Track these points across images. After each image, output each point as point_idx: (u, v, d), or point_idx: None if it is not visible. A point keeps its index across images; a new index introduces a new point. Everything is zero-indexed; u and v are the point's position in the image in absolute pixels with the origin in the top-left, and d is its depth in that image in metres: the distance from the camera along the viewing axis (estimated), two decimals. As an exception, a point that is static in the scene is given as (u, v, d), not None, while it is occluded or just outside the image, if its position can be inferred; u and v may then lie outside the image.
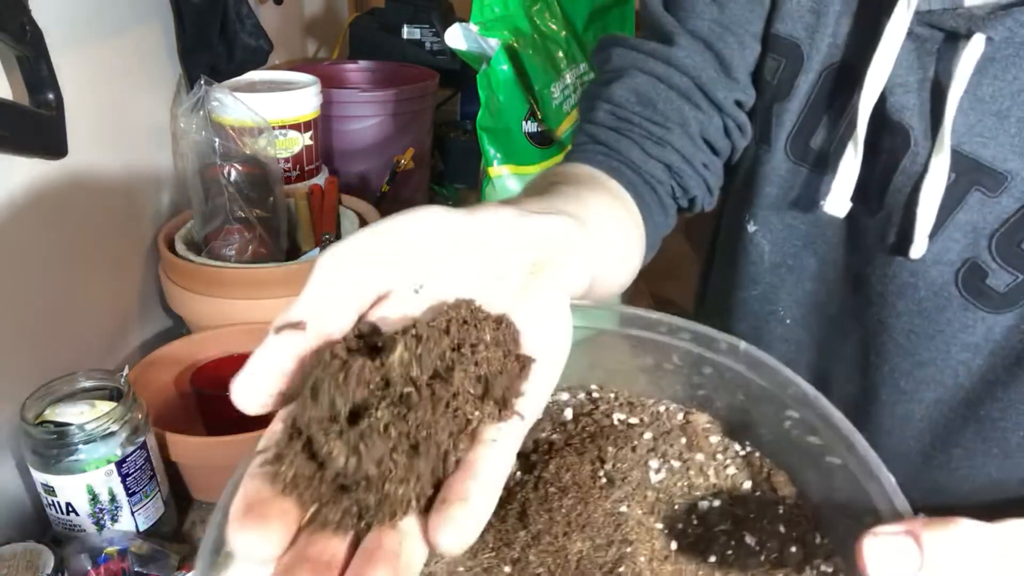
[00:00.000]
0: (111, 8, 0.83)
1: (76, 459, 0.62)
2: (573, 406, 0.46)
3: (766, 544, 0.36)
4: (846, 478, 0.34)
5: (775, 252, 0.63)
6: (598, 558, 0.35)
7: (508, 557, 0.36)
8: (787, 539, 0.36)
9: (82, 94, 0.75)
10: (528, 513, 0.38)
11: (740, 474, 0.40)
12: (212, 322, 0.87)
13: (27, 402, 0.64)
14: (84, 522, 0.64)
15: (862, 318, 0.60)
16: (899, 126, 0.52)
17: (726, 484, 0.40)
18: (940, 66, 0.50)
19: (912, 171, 0.52)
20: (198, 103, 0.88)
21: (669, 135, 0.56)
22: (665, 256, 0.83)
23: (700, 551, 0.36)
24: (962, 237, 0.52)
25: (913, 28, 0.50)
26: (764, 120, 0.60)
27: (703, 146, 0.58)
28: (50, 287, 0.73)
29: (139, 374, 0.78)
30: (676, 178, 0.57)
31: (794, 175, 0.60)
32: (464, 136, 1.55)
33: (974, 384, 0.57)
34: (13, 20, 0.60)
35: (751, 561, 0.35)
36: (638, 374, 0.46)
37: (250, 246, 0.90)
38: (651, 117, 0.56)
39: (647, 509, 0.38)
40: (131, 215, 0.89)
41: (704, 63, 0.57)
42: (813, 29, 0.55)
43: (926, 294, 0.55)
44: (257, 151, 0.91)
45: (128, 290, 0.89)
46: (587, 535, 0.36)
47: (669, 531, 0.37)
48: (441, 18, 1.48)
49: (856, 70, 0.54)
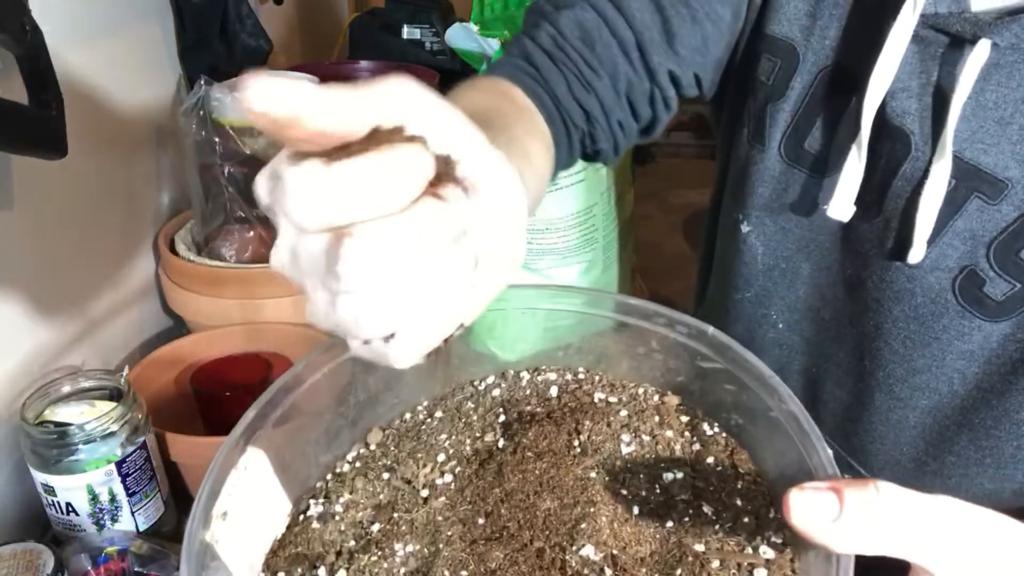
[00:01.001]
0: (111, 8, 0.83)
1: (76, 459, 0.62)
2: (559, 385, 0.50)
3: (722, 514, 0.39)
4: (794, 456, 0.37)
5: (768, 255, 0.63)
6: (564, 515, 0.39)
7: (482, 510, 0.40)
8: (742, 511, 0.39)
9: (82, 94, 0.75)
10: (504, 473, 0.42)
11: (705, 451, 0.43)
12: (212, 322, 0.87)
13: (27, 402, 0.64)
14: (84, 522, 0.64)
15: (857, 323, 0.59)
16: (900, 131, 0.52)
17: (691, 459, 0.43)
18: (944, 71, 0.50)
19: (912, 176, 0.52)
20: (198, 103, 0.88)
21: (597, 82, 0.56)
22: (665, 256, 0.83)
23: (659, 517, 0.39)
24: (960, 244, 0.52)
25: (918, 31, 0.50)
26: (758, 119, 0.60)
27: (625, 104, 0.58)
28: (50, 287, 0.73)
29: (139, 374, 0.78)
30: (590, 126, 0.57)
31: (788, 177, 0.60)
32: (464, 136, 1.55)
33: (969, 392, 0.56)
34: (13, 20, 0.60)
35: (707, 529, 0.38)
36: (623, 359, 0.50)
37: (250, 246, 0.90)
38: (587, 58, 0.56)
39: (614, 477, 0.41)
40: (131, 215, 0.89)
41: (651, 24, 0.56)
42: (809, 31, 0.55)
43: (923, 300, 0.55)
44: (257, 151, 0.91)
45: (128, 290, 0.89)
46: (556, 496, 0.40)
47: (632, 497, 0.40)
48: (441, 18, 1.48)
49: (853, 73, 0.53)
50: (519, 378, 0.50)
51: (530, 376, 0.50)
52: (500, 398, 0.49)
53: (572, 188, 0.90)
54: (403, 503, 0.42)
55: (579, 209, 0.91)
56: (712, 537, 0.38)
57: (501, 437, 0.45)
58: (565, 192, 0.89)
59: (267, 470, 0.41)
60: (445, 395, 0.50)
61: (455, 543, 0.39)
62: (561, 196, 0.89)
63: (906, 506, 0.30)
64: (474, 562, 0.37)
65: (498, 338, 0.54)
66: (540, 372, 0.51)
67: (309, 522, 0.41)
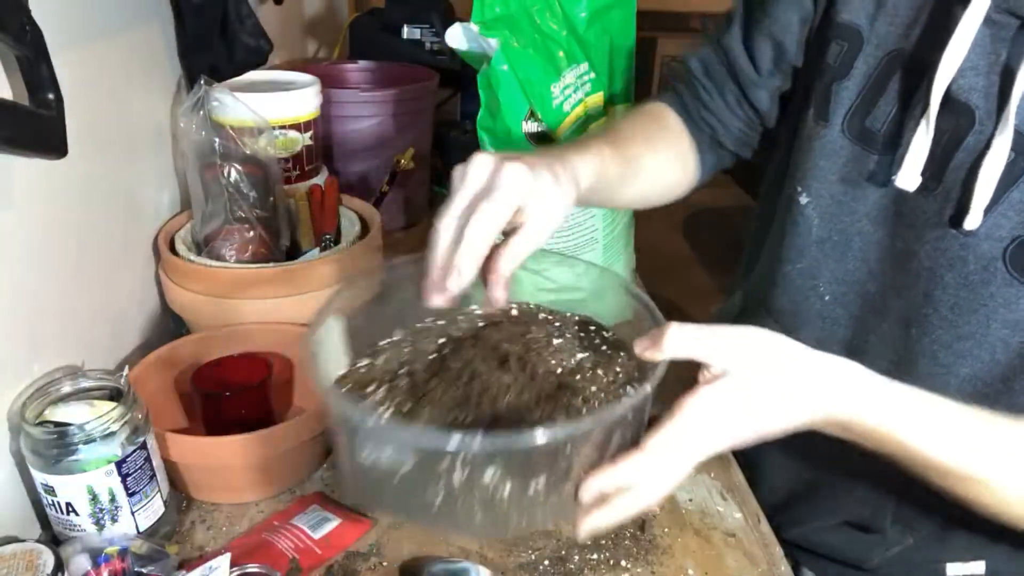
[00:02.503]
0: (111, 8, 0.83)
1: (76, 459, 0.62)
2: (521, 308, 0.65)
3: (608, 372, 0.56)
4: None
5: (823, 226, 0.68)
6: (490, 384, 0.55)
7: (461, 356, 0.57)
8: (624, 376, 0.56)
9: (82, 94, 0.75)
10: (481, 339, 0.59)
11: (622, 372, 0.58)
12: (212, 322, 0.87)
13: (27, 402, 0.64)
14: (84, 522, 0.64)
15: (906, 293, 0.64)
16: (965, 106, 0.57)
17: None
18: (1013, 51, 0.55)
19: (975, 149, 0.57)
20: (198, 103, 0.88)
21: (712, 103, 0.78)
22: (665, 256, 0.89)
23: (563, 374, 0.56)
24: (1015, 215, 0.56)
25: (990, 15, 0.55)
26: (823, 98, 0.66)
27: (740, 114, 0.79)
28: (50, 287, 0.73)
29: (139, 374, 0.78)
30: (713, 132, 0.79)
31: (848, 152, 0.65)
32: (464, 136, 1.55)
33: (1010, 360, 0.60)
34: (13, 20, 0.60)
35: (596, 376, 0.56)
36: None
37: (250, 246, 0.90)
38: (705, 84, 0.78)
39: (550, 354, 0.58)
40: (131, 215, 0.89)
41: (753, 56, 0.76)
42: (874, 16, 0.63)
43: (975, 267, 0.59)
44: (257, 151, 0.91)
45: (128, 290, 0.89)
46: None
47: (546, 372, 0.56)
48: (441, 18, 1.48)
49: (918, 55, 0.59)
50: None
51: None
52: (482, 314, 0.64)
53: None
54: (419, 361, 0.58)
55: (579, 209, 0.91)
56: (598, 385, 0.55)
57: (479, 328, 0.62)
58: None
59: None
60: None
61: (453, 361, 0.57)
62: None
63: (694, 330, 0.50)
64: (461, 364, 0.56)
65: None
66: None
67: (359, 368, 0.58)
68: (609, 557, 0.69)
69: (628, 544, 0.70)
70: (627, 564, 0.68)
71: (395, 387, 0.55)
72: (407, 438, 0.49)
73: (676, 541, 0.71)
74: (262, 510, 0.74)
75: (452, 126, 1.58)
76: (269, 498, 0.75)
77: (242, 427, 0.73)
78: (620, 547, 0.70)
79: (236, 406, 0.78)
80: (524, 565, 0.68)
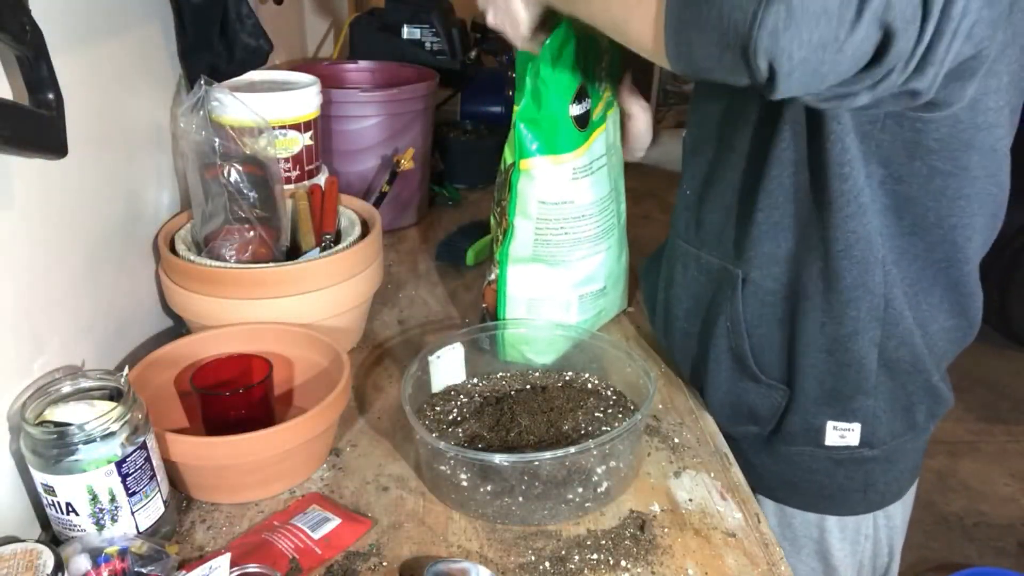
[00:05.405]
0: (111, 8, 0.83)
1: (76, 459, 0.62)
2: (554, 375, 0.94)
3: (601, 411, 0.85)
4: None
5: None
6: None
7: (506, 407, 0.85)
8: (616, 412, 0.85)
9: (82, 94, 0.75)
10: (517, 400, 0.86)
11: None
12: (212, 322, 0.87)
13: (27, 402, 0.64)
14: (84, 522, 0.64)
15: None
16: None
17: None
18: None
19: None
20: (198, 103, 0.88)
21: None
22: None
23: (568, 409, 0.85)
24: None
25: None
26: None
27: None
28: (50, 287, 0.73)
29: (139, 374, 0.78)
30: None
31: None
32: (464, 136, 1.55)
33: None
34: (13, 20, 0.60)
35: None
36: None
37: (250, 246, 0.90)
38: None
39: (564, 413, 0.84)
40: (131, 215, 0.90)
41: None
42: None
43: None
44: (257, 151, 0.91)
45: (128, 290, 0.89)
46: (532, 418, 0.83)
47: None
48: (441, 18, 1.48)
49: None
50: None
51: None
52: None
53: (601, 171, 0.90)
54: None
55: (605, 193, 0.91)
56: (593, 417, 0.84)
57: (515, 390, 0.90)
58: (598, 175, 0.89)
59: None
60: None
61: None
62: (595, 179, 0.89)
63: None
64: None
65: (532, 346, 0.95)
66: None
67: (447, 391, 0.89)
68: (609, 557, 0.69)
69: (628, 544, 0.70)
70: (627, 564, 0.68)
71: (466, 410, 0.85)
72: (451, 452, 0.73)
73: (676, 541, 0.71)
74: (262, 510, 0.74)
75: (452, 126, 1.58)
76: (269, 498, 0.75)
77: (242, 427, 0.73)
78: (620, 547, 0.70)
79: (236, 406, 0.78)
80: (524, 565, 0.68)
